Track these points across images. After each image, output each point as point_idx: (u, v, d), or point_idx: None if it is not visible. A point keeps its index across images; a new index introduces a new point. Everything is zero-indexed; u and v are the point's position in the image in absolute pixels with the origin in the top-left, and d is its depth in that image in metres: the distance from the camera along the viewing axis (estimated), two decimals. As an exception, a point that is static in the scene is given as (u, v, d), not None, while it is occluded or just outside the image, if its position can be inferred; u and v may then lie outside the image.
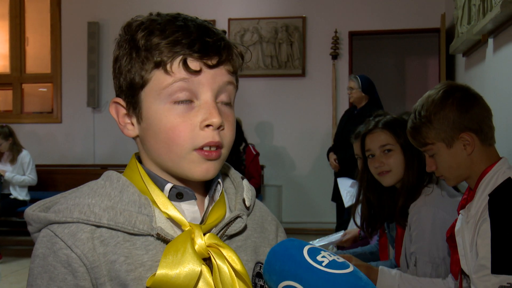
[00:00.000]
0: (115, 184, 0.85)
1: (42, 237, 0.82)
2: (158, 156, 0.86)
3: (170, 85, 0.82)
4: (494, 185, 1.48)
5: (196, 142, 0.82)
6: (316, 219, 6.12)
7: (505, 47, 2.98)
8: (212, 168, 0.85)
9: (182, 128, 0.82)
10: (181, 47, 0.81)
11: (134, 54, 0.83)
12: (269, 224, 1.01)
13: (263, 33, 6.38)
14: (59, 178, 6.25)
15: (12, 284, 4.38)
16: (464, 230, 1.53)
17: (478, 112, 1.54)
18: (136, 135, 0.89)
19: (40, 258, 0.81)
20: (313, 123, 6.28)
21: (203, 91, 0.83)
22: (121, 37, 0.87)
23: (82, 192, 0.85)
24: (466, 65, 4.33)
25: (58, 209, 0.82)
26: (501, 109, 2.75)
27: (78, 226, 0.80)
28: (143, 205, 0.83)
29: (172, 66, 0.81)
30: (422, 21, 6.03)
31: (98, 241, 0.80)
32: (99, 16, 6.65)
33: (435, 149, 1.57)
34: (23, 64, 6.94)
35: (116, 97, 0.89)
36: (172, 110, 0.82)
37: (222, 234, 0.88)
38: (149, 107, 0.84)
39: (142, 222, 0.81)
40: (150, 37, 0.82)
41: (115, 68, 0.88)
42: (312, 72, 6.32)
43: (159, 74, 0.82)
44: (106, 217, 0.80)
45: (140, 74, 0.83)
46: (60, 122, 6.82)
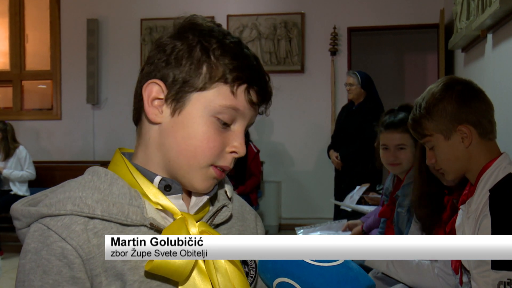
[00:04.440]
0: (103, 178, 0.87)
1: (34, 231, 0.82)
2: (175, 154, 0.88)
3: (224, 107, 0.86)
4: (495, 180, 1.48)
5: (218, 161, 0.88)
6: (315, 215, 6.13)
7: (504, 43, 2.98)
8: (212, 186, 0.91)
9: (216, 143, 0.87)
10: (248, 75, 0.87)
11: (205, 57, 0.85)
12: (248, 214, 1.06)
13: (262, 29, 6.38)
14: (59, 174, 6.25)
15: (13, 280, 4.38)
16: (465, 225, 1.53)
17: (478, 105, 1.54)
18: (158, 123, 0.89)
19: (32, 253, 0.81)
20: (312, 119, 6.28)
21: (241, 121, 0.89)
22: (186, 28, 0.88)
23: (70, 187, 0.86)
24: (465, 61, 4.33)
25: (50, 203, 0.82)
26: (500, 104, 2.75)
27: (71, 218, 0.81)
28: (133, 197, 0.85)
29: (238, 89, 0.86)
30: (421, 17, 6.03)
31: (91, 232, 0.81)
32: (98, 13, 6.64)
33: (434, 141, 1.58)
34: (23, 61, 6.93)
35: (158, 80, 0.87)
36: (215, 124, 0.87)
37: (210, 223, 0.92)
38: (195, 110, 0.86)
39: (134, 213, 0.83)
40: (224, 52, 0.86)
41: (169, 52, 0.87)
42: (311, 68, 6.32)
43: (224, 90, 0.86)
44: (100, 209, 0.82)
45: (204, 79, 0.85)
46: (59, 119, 6.82)
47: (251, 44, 6.35)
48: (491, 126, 1.56)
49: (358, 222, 3.00)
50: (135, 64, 6.46)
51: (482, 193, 1.49)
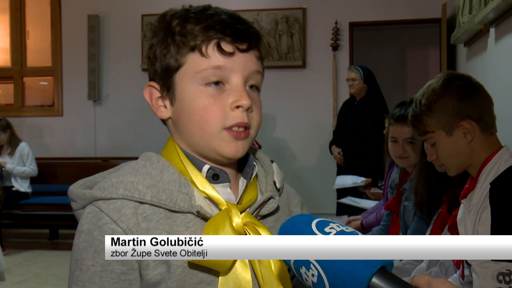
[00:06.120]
0: (155, 164, 0.89)
1: (88, 213, 0.86)
2: (191, 136, 0.90)
3: (204, 70, 0.87)
4: (496, 173, 1.48)
5: (227, 122, 0.88)
6: (317, 210, 6.13)
7: (507, 37, 2.97)
8: (241, 147, 0.90)
9: (214, 108, 0.87)
10: (214, 31, 0.87)
11: (170, 39, 0.89)
12: (294, 207, 1.06)
13: (263, 24, 6.36)
14: (60, 171, 6.26)
15: (15, 276, 4.41)
16: (466, 219, 1.53)
17: (478, 100, 1.54)
18: (169, 117, 0.93)
19: (85, 233, 0.85)
20: (314, 115, 6.27)
21: (234, 75, 0.88)
22: (156, 26, 0.93)
23: (124, 171, 0.89)
24: (467, 55, 4.32)
25: (103, 186, 0.86)
26: (502, 98, 2.74)
27: (122, 202, 0.84)
28: (182, 184, 0.87)
29: (207, 50, 0.87)
30: (423, 11, 6.01)
31: (141, 216, 0.84)
32: (99, 9, 6.63)
33: (435, 138, 1.57)
34: (24, 58, 6.93)
35: (151, 81, 0.93)
36: (205, 92, 0.88)
37: (256, 214, 0.93)
38: (183, 89, 0.89)
39: (182, 200, 0.86)
40: (185, 24, 0.88)
41: (150, 55, 0.93)
42: (313, 64, 6.31)
43: (195, 57, 0.88)
44: (150, 194, 0.84)
45: (175, 57, 0.89)
46: (61, 115, 6.83)
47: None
48: (492, 121, 1.56)
49: (359, 217, 3.00)
50: (136, 60, 6.45)
51: (483, 187, 1.49)
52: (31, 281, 4.34)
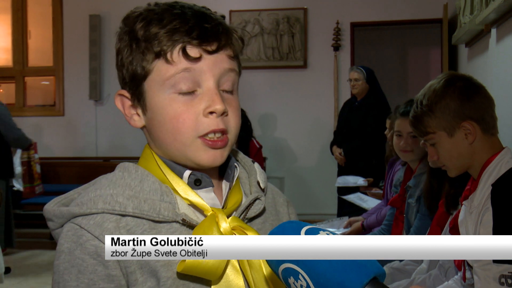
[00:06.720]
0: (134, 174, 0.85)
1: (67, 231, 0.81)
2: (165, 145, 0.86)
3: (173, 76, 0.82)
4: (497, 175, 1.47)
5: (200, 129, 0.83)
6: (318, 210, 6.13)
7: (508, 37, 2.97)
8: (219, 156, 0.86)
9: (186, 116, 0.83)
10: (179, 35, 0.81)
11: (134, 45, 0.84)
12: (281, 206, 1.02)
13: (264, 24, 6.36)
14: (62, 170, 6.27)
15: (16, 277, 4.41)
16: (468, 221, 1.52)
17: (480, 101, 1.54)
18: (143, 126, 0.89)
19: (66, 253, 0.80)
20: (315, 115, 6.27)
21: (205, 78, 0.83)
22: (121, 29, 0.88)
23: (101, 184, 0.84)
24: (468, 56, 4.31)
25: (81, 202, 0.82)
26: (504, 99, 2.74)
27: (103, 217, 0.80)
28: (164, 193, 0.84)
29: (172, 55, 0.82)
30: (424, 12, 6.00)
31: (124, 230, 0.80)
32: (101, 9, 6.64)
33: (436, 138, 1.57)
34: (26, 58, 6.94)
35: (121, 89, 0.89)
36: (176, 100, 0.83)
37: (243, 217, 0.89)
38: (153, 97, 0.85)
39: (166, 209, 0.82)
40: (148, 27, 0.83)
41: (117, 61, 0.88)
42: (314, 64, 6.30)
43: (161, 64, 0.83)
44: (131, 206, 0.80)
45: (141, 65, 0.84)
46: (62, 115, 6.83)
47: (254, 39, 6.34)
48: (493, 121, 1.56)
49: (360, 218, 3.00)
50: (138, 60, 6.46)
51: (484, 188, 1.48)
52: (31, 281, 4.34)
